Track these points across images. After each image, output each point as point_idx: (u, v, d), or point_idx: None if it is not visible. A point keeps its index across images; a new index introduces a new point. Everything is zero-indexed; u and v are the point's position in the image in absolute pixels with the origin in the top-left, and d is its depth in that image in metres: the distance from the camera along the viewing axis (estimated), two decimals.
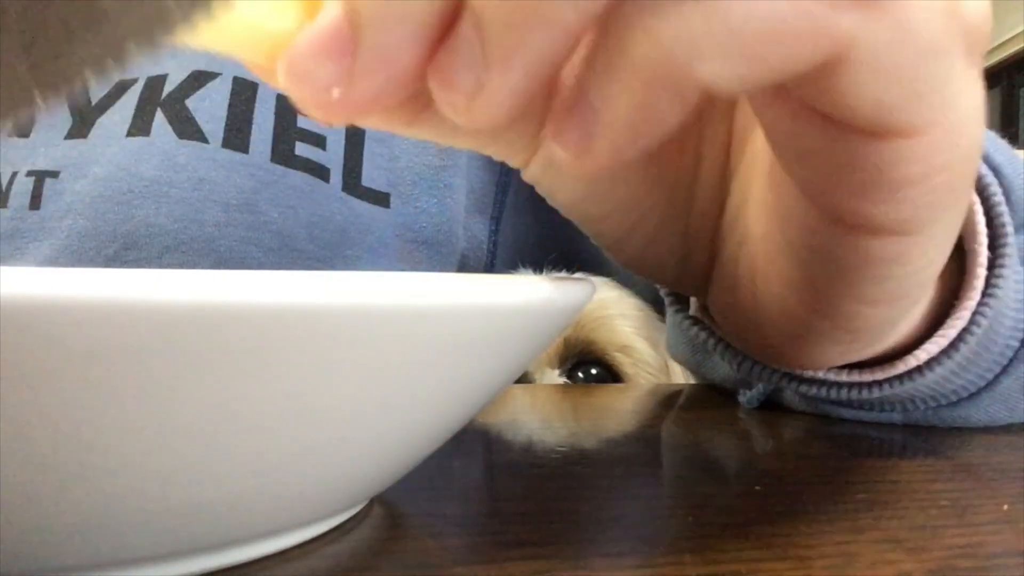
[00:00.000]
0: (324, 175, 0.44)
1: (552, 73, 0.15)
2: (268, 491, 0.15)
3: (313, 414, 0.14)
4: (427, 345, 0.15)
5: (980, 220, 0.26)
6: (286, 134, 0.43)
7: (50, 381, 0.12)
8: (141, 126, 0.43)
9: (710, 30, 0.15)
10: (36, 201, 0.42)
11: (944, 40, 0.16)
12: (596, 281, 0.20)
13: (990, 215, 0.27)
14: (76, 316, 0.11)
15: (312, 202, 0.43)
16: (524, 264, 0.49)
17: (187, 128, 0.42)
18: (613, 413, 0.36)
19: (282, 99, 0.44)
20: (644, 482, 0.24)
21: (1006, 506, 0.21)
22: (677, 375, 0.46)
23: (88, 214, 0.41)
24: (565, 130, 0.16)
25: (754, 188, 0.23)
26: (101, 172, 0.42)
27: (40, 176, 0.42)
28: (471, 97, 0.15)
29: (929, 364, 0.27)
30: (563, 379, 0.46)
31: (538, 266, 0.49)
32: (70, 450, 0.12)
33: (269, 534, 0.17)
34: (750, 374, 0.30)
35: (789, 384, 0.29)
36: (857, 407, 0.30)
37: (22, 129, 0.44)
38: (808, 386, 0.29)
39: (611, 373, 0.47)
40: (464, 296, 0.15)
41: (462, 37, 0.15)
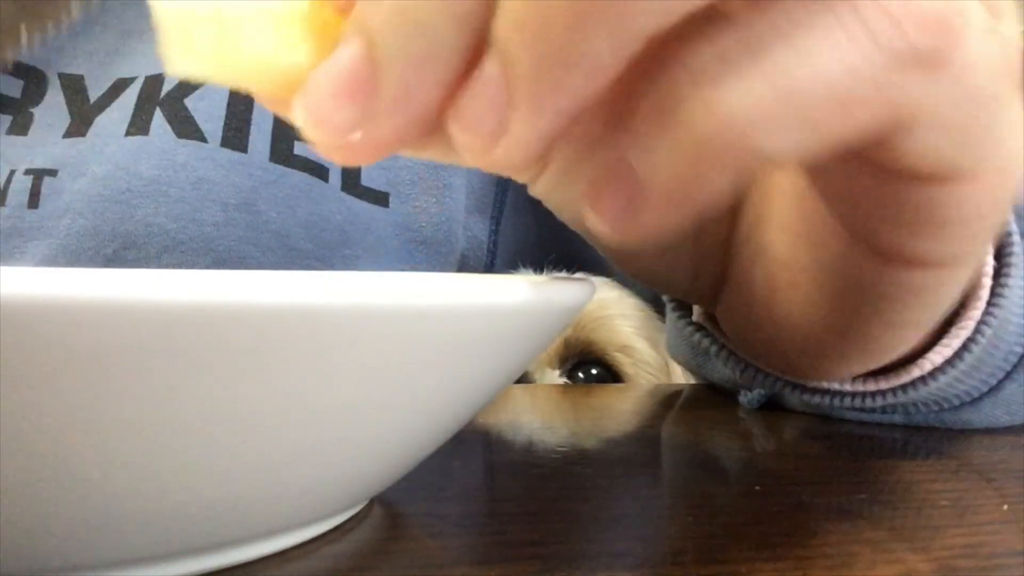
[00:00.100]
0: (323, 174, 0.44)
1: (580, 115, 0.14)
2: (268, 491, 0.15)
3: (313, 414, 0.14)
4: (427, 345, 0.15)
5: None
6: (285, 133, 0.43)
7: (50, 381, 0.12)
8: (140, 125, 0.43)
9: (774, 102, 0.14)
10: (35, 200, 0.42)
11: (1000, 85, 0.16)
12: (596, 281, 0.20)
13: None
14: (76, 316, 0.11)
15: (311, 201, 0.43)
16: (524, 264, 0.49)
17: (186, 127, 0.42)
18: (613, 413, 0.36)
19: None
20: (644, 482, 0.24)
21: (1006, 506, 0.21)
22: (677, 375, 0.46)
23: (87, 213, 0.41)
24: (604, 200, 0.15)
25: (774, 208, 0.23)
26: (100, 171, 0.41)
27: (38, 175, 0.42)
28: (494, 140, 0.14)
29: (933, 373, 0.26)
30: (563, 379, 0.46)
31: (538, 266, 0.49)
32: (70, 450, 0.12)
33: (269, 534, 0.17)
34: (753, 381, 0.30)
35: (792, 392, 0.29)
36: (859, 412, 0.30)
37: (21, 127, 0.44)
38: (811, 395, 0.29)
39: (611, 373, 0.47)
40: (464, 296, 0.15)
41: (487, 77, 0.14)
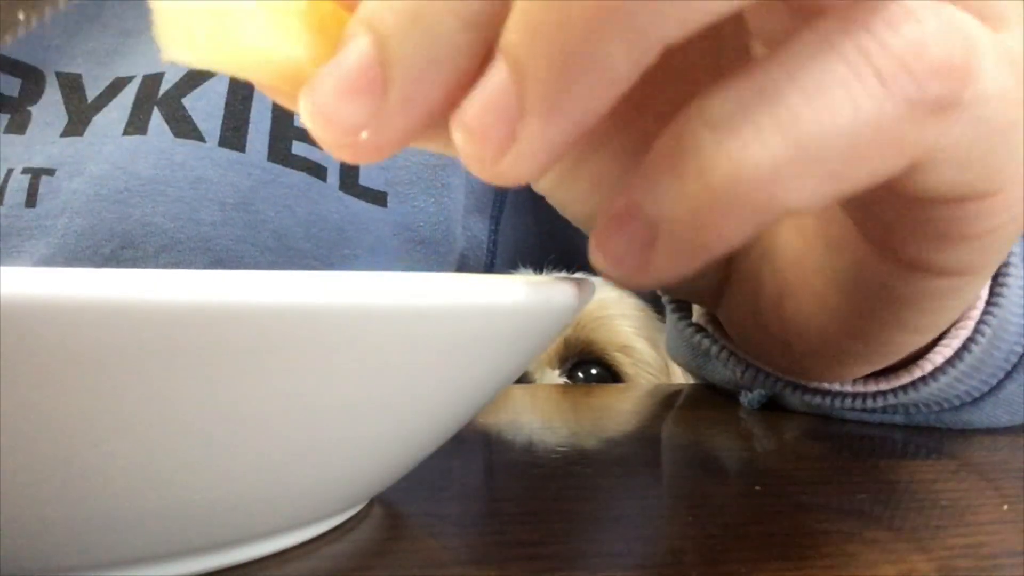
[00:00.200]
0: (321, 174, 0.44)
1: (591, 125, 0.14)
2: (268, 491, 0.15)
3: (313, 414, 0.14)
4: (427, 345, 0.15)
5: None
6: (283, 133, 0.43)
7: (50, 381, 0.12)
8: (138, 124, 0.43)
9: (791, 154, 0.14)
10: (32, 199, 0.42)
11: (1017, 106, 0.16)
12: (596, 281, 0.20)
13: None
14: (76, 316, 0.11)
15: (309, 201, 0.43)
16: (524, 264, 0.49)
17: (184, 127, 0.42)
18: (613, 413, 0.36)
19: None
20: (644, 482, 0.24)
21: (1006, 506, 0.21)
22: (677, 375, 0.46)
23: (84, 212, 0.41)
24: (613, 243, 0.15)
25: None
26: (97, 170, 0.41)
27: (36, 174, 0.42)
28: (502, 151, 0.14)
29: (933, 374, 0.26)
30: (563, 379, 0.46)
31: (538, 266, 0.49)
32: (70, 450, 0.12)
33: (269, 534, 0.17)
34: (754, 381, 0.30)
35: (793, 393, 0.29)
36: (860, 412, 0.30)
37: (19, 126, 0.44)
38: (812, 395, 0.29)
39: (611, 373, 0.47)
40: (464, 296, 0.14)
41: (496, 84, 0.14)
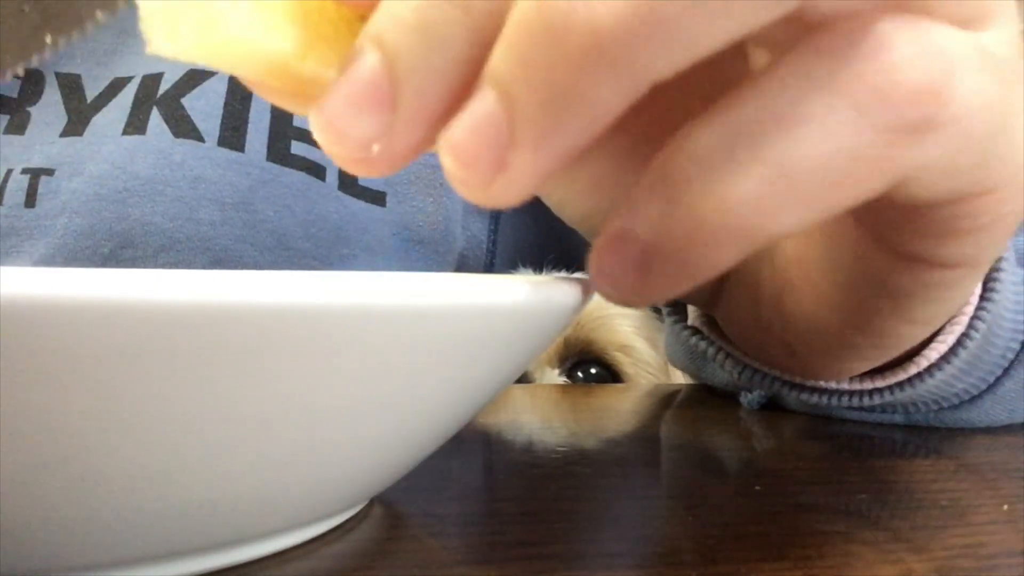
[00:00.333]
0: (320, 174, 0.43)
1: (580, 152, 0.14)
2: (268, 491, 0.15)
3: (313, 414, 0.14)
4: (427, 345, 0.15)
5: None
6: (282, 133, 0.43)
7: (50, 381, 0.11)
8: (137, 124, 0.42)
9: (774, 188, 0.14)
10: (31, 199, 0.42)
11: (1002, 112, 0.16)
12: None
13: None
14: (76, 316, 0.11)
15: (308, 201, 0.43)
16: (524, 264, 0.49)
17: (183, 127, 0.42)
18: (613, 413, 0.36)
19: None
20: (644, 482, 0.24)
21: (1006, 506, 0.21)
22: (677, 375, 0.46)
23: (84, 212, 0.41)
24: (608, 265, 0.15)
25: None
26: (96, 170, 0.41)
27: (35, 174, 0.42)
28: (491, 176, 0.14)
29: (929, 370, 0.26)
30: (563, 378, 0.46)
31: (538, 266, 0.49)
32: (70, 450, 0.12)
33: (269, 534, 0.17)
34: (751, 382, 0.30)
35: (790, 393, 0.29)
36: (858, 411, 0.30)
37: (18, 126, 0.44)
38: (810, 394, 0.29)
39: (611, 373, 0.47)
40: (464, 296, 0.14)
41: (487, 113, 0.14)
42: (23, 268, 0.19)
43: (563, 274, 0.44)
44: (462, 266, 0.48)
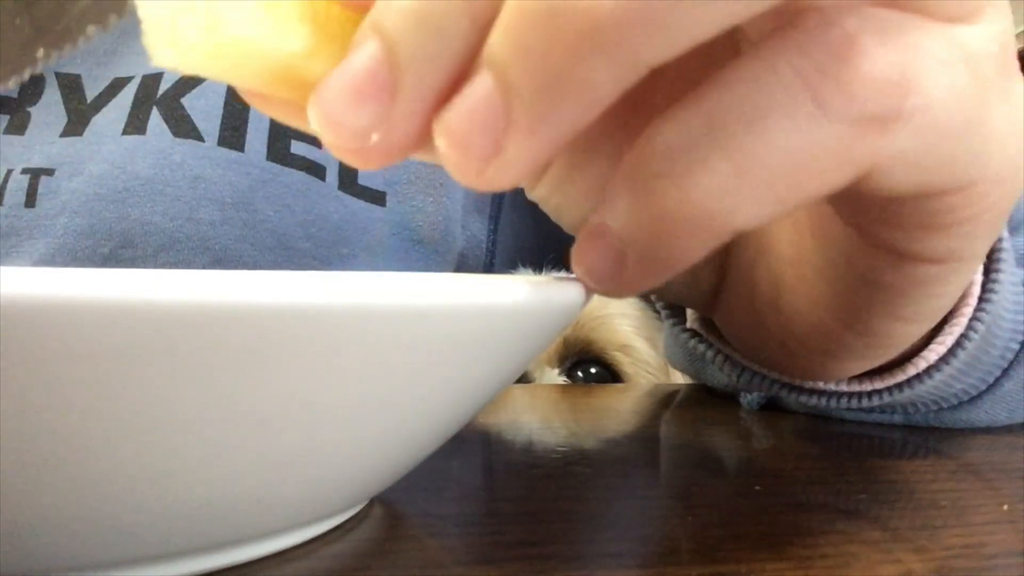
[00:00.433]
0: (320, 173, 0.43)
1: (576, 136, 0.14)
2: (268, 491, 0.15)
3: (313, 414, 0.14)
4: (427, 345, 0.15)
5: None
6: (282, 132, 0.43)
7: (50, 381, 0.11)
8: (137, 124, 0.42)
9: (738, 181, 0.14)
10: (31, 199, 0.42)
11: (974, 106, 0.16)
12: None
13: None
14: (76, 316, 0.11)
15: (308, 200, 0.43)
16: (524, 264, 0.49)
17: (183, 126, 0.42)
18: (613, 413, 0.36)
19: None
20: (644, 482, 0.24)
21: (1006, 506, 0.21)
22: (677, 375, 0.46)
23: (84, 212, 0.41)
24: (588, 258, 0.16)
25: None
26: (96, 170, 0.41)
27: (35, 174, 0.42)
28: (487, 161, 0.14)
29: (928, 371, 0.26)
30: (563, 378, 0.46)
31: (538, 266, 0.49)
32: (70, 450, 0.12)
33: (269, 534, 0.17)
34: (750, 385, 0.30)
35: (789, 394, 0.29)
36: (858, 412, 0.30)
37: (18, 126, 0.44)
38: (809, 396, 0.29)
39: (610, 372, 0.47)
40: (464, 296, 0.14)
41: (482, 96, 0.14)
42: (23, 268, 0.19)
43: (563, 274, 0.44)
44: (462, 266, 0.48)
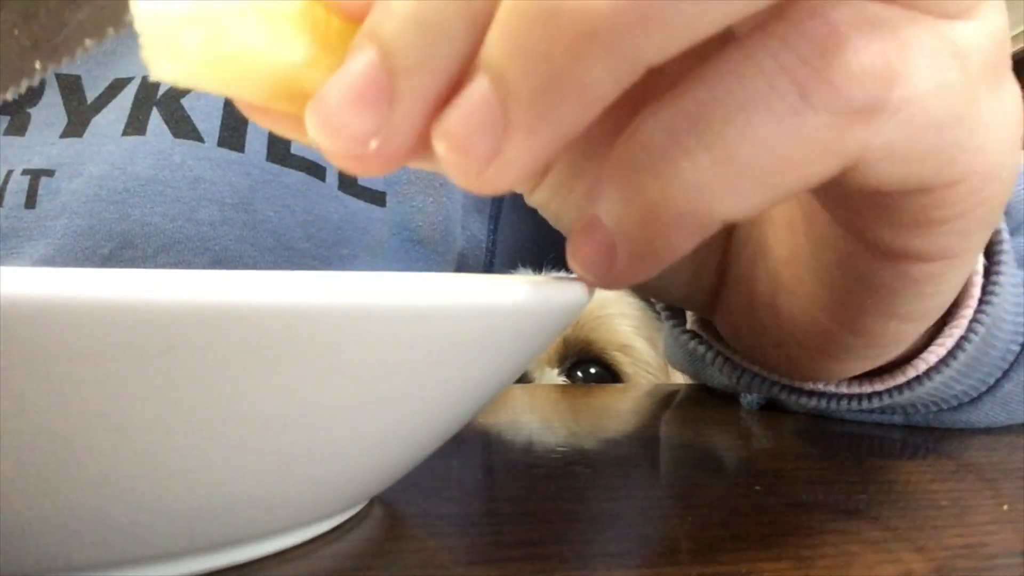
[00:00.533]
0: (320, 174, 0.43)
1: (575, 137, 0.14)
2: (268, 491, 0.15)
3: (313, 414, 0.14)
4: (427, 345, 0.15)
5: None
6: None
7: (50, 381, 0.11)
8: (137, 125, 0.42)
9: (721, 172, 0.14)
10: (31, 200, 0.42)
11: (963, 103, 0.16)
12: None
13: None
14: (76, 316, 0.11)
15: (308, 201, 0.43)
16: (523, 264, 0.49)
17: (183, 127, 0.42)
18: (612, 413, 0.36)
19: None
20: (644, 482, 0.24)
21: (1006, 506, 0.21)
22: (677, 375, 0.46)
23: (84, 213, 0.41)
24: (581, 251, 0.16)
25: (775, 208, 0.23)
26: (96, 171, 0.41)
27: (35, 175, 0.42)
28: (486, 163, 0.14)
29: (928, 373, 0.26)
30: (562, 378, 0.46)
31: (538, 266, 0.49)
32: (70, 450, 0.12)
33: (269, 534, 0.17)
34: (749, 386, 0.30)
35: (789, 396, 0.29)
36: (857, 413, 0.30)
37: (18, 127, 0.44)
38: (809, 398, 0.29)
39: (610, 372, 0.47)
40: (464, 296, 0.14)
41: (480, 98, 0.14)
42: (23, 268, 0.19)
43: (563, 274, 0.44)
44: (462, 266, 0.48)
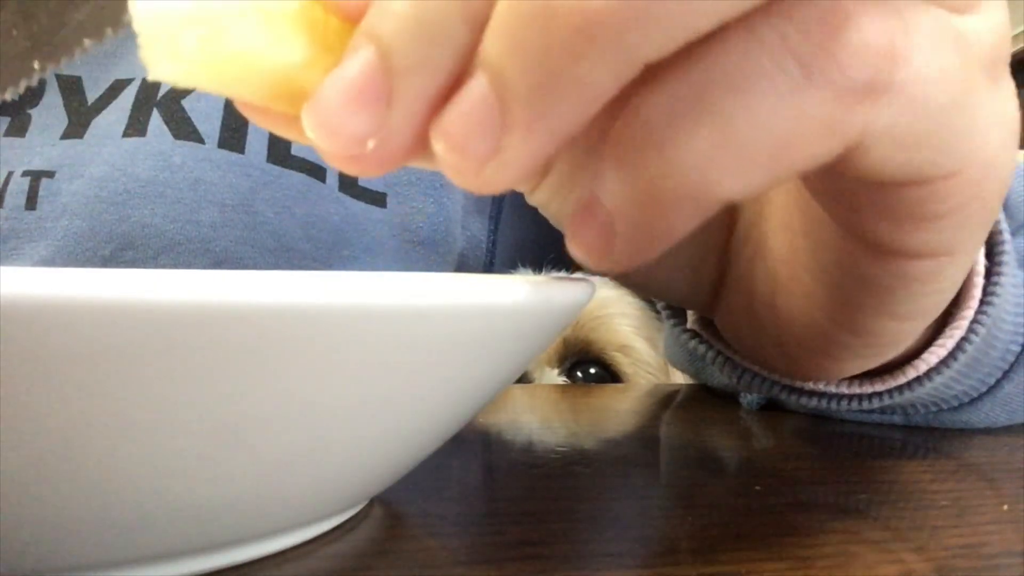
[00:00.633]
0: (320, 175, 0.44)
1: (573, 135, 0.14)
2: (268, 491, 0.15)
3: (313, 414, 0.14)
4: (427, 345, 0.15)
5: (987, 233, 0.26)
6: None
7: (50, 381, 0.12)
8: (137, 126, 0.43)
9: (722, 150, 0.14)
10: (32, 201, 0.42)
11: (962, 90, 0.16)
12: (595, 281, 0.20)
13: None
14: (76, 316, 0.11)
15: (308, 202, 0.43)
16: (523, 264, 0.49)
17: (183, 128, 0.42)
18: (612, 413, 0.36)
19: None
20: (644, 482, 0.24)
21: (1006, 506, 0.21)
22: (677, 375, 0.46)
23: (84, 215, 0.41)
24: (581, 232, 0.16)
25: (772, 206, 0.23)
26: (97, 172, 0.41)
27: (36, 176, 0.42)
28: (484, 162, 0.14)
29: (928, 373, 0.26)
30: (562, 378, 0.46)
31: (538, 266, 0.49)
32: (69, 450, 0.12)
33: (269, 534, 0.17)
34: (750, 386, 0.30)
35: (789, 396, 0.29)
36: (857, 413, 0.30)
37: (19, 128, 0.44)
38: (809, 398, 0.29)
39: (610, 373, 0.47)
40: (464, 296, 0.14)
41: (478, 97, 0.14)
42: (23, 268, 0.19)
43: (563, 274, 0.44)
44: (462, 266, 0.48)
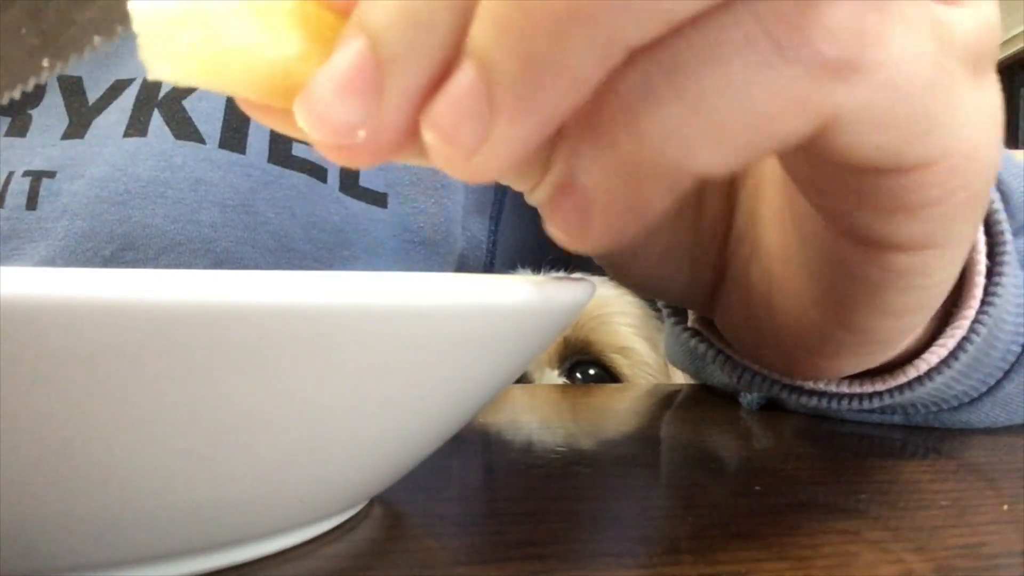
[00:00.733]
0: (321, 175, 0.44)
1: (562, 121, 0.15)
2: (268, 491, 0.15)
3: (313, 414, 0.14)
4: (427, 345, 0.15)
5: (979, 228, 0.26)
6: (283, 135, 0.43)
7: (50, 381, 0.12)
8: (138, 126, 0.43)
9: (696, 123, 0.14)
10: (33, 202, 0.42)
11: (938, 75, 0.16)
12: (595, 281, 0.20)
13: (988, 221, 0.26)
14: (76, 316, 0.11)
15: (309, 202, 0.43)
16: (523, 264, 0.49)
17: (184, 128, 0.42)
18: (612, 413, 0.36)
19: None
20: (644, 482, 0.24)
21: (1006, 506, 0.21)
22: (677, 376, 0.46)
23: (85, 215, 0.41)
24: (559, 212, 0.16)
25: (766, 204, 0.23)
26: (98, 172, 0.41)
27: (37, 176, 0.42)
28: (473, 150, 0.14)
29: (929, 373, 0.26)
30: (562, 379, 0.46)
31: (537, 266, 0.49)
32: (70, 450, 0.12)
33: (269, 534, 0.17)
34: (750, 385, 0.30)
35: (789, 396, 0.29)
36: (858, 413, 0.30)
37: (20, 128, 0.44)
38: (809, 397, 0.29)
39: (609, 374, 0.47)
40: (464, 296, 0.14)
41: (465, 85, 0.14)
42: (23, 268, 0.19)
43: (563, 274, 0.44)
44: (462, 266, 0.48)
